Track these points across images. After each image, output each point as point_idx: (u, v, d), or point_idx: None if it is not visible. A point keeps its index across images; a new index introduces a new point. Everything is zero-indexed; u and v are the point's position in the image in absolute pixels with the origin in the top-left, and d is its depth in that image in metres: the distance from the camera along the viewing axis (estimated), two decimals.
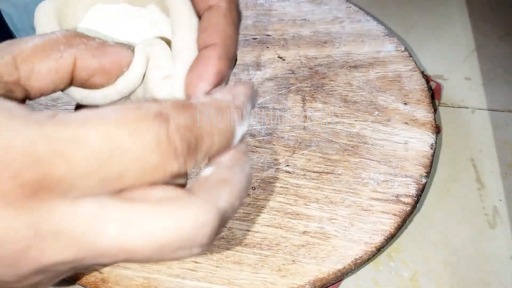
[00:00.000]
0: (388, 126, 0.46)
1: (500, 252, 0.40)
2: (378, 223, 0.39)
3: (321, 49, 0.53)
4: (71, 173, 0.15)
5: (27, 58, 0.19)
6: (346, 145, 0.44)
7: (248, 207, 0.40)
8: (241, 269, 0.36)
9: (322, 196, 0.41)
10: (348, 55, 0.53)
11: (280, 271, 0.36)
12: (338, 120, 0.46)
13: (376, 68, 0.51)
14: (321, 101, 0.48)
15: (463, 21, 0.60)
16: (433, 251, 0.40)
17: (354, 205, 0.40)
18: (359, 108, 0.47)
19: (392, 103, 0.48)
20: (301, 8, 0.58)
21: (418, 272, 0.39)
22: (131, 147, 0.16)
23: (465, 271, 0.39)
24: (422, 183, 0.41)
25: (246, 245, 0.38)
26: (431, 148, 0.44)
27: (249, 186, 0.19)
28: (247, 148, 0.20)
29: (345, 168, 0.43)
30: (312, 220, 0.39)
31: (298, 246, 0.38)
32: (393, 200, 0.40)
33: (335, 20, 0.56)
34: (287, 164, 0.43)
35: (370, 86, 0.49)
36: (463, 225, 0.42)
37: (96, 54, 0.20)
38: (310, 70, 0.51)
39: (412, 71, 0.51)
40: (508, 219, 0.42)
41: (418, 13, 0.62)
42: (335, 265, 0.36)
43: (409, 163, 0.43)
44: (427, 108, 0.47)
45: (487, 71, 0.54)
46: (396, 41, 0.54)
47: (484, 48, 0.57)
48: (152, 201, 0.17)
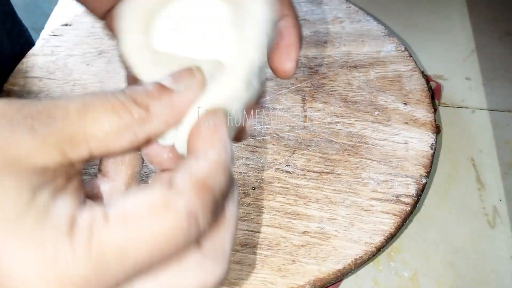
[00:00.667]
0: (388, 126, 0.46)
1: (500, 252, 0.40)
2: (378, 223, 0.39)
3: (321, 49, 0.53)
4: (118, 285, 0.16)
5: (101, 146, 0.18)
6: (346, 145, 0.44)
7: (248, 207, 0.40)
8: (241, 269, 0.36)
9: (322, 196, 0.41)
10: (348, 55, 0.53)
11: (280, 271, 0.36)
12: (338, 120, 0.46)
13: (376, 68, 0.51)
14: (321, 101, 0.48)
15: (463, 21, 0.60)
16: (433, 251, 0.40)
17: (354, 205, 0.40)
18: (359, 108, 0.47)
19: (392, 103, 0.48)
20: (301, 8, 0.58)
21: (418, 272, 0.39)
22: (169, 246, 0.17)
23: (465, 271, 0.39)
24: (422, 183, 0.41)
25: (246, 245, 0.38)
26: (431, 148, 0.44)
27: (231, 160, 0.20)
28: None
29: (345, 168, 0.43)
30: (312, 220, 0.39)
31: (298, 246, 0.38)
32: (393, 200, 0.40)
33: (335, 20, 0.56)
34: (287, 164, 0.43)
35: (370, 86, 0.49)
36: (463, 225, 0.42)
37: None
38: (310, 70, 0.51)
39: (412, 71, 0.51)
40: (508, 219, 0.42)
41: (418, 13, 0.62)
42: (335, 265, 0.36)
43: (409, 163, 0.43)
44: (427, 108, 0.47)
45: (487, 71, 0.54)
46: (396, 41, 0.54)
47: (484, 48, 0.57)
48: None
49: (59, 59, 0.53)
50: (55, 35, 0.56)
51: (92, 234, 0.16)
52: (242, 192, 0.41)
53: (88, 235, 0.16)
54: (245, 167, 0.43)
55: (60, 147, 0.17)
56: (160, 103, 0.19)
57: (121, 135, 0.18)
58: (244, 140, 0.27)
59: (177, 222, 0.17)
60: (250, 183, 0.42)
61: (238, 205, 0.21)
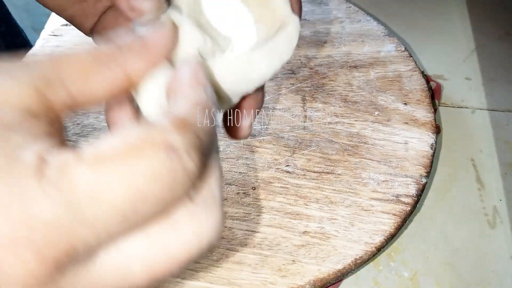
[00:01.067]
0: (388, 126, 0.46)
1: (500, 252, 0.40)
2: (378, 223, 0.39)
3: (321, 49, 0.53)
4: (96, 235, 0.15)
5: (75, 78, 0.18)
6: (346, 145, 0.44)
7: (248, 207, 0.40)
8: (241, 269, 0.36)
9: (322, 196, 0.41)
10: (348, 55, 0.53)
11: (280, 271, 0.36)
12: (338, 120, 0.46)
13: (376, 68, 0.51)
14: (321, 101, 0.48)
15: (463, 21, 0.60)
16: (433, 251, 0.40)
17: (354, 205, 0.40)
18: (359, 108, 0.47)
19: (392, 103, 0.48)
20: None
21: (418, 272, 0.39)
22: (151, 190, 0.15)
23: (465, 271, 0.39)
24: (422, 183, 0.41)
25: (246, 245, 0.38)
26: (431, 148, 0.44)
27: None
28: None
29: (345, 168, 0.43)
30: (312, 220, 0.39)
31: (298, 246, 0.38)
32: (393, 200, 0.40)
33: (335, 20, 0.56)
34: (287, 164, 0.43)
35: (370, 86, 0.49)
36: (463, 225, 0.42)
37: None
38: (310, 70, 0.51)
39: (412, 71, 0.51)
40: (508, 219, 0.42)
41: (418, 13, 0.62)
42: (335, 265, 0.36)
43: (409, 163, 0.43)
44: (427, 108, 0.47)
45: (487, 71, 0.54)
46: (396, 41, 0.54)
47: (484, 48, 0.57)
48: (168, 223, 0.17)
49: None
50: (55, 35, 0.56)
51: (63, 174, 0.15)
52: (242, 192, 0.41)
53: (58, 175, 0.15)
54: (245, 167, 0.43)
55: (36, 86, 0.16)
56: (133, 42, 0.19)
57: (98, 74, 0.18)
58: (244, 138, 0.27)
59: (157, 157, 0.15)
60: (250, 183, 0.42)
61: (219, 154, 0.20)
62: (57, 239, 0.14)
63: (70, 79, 0.17)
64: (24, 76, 0.16)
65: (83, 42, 0.20)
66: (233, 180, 0.42)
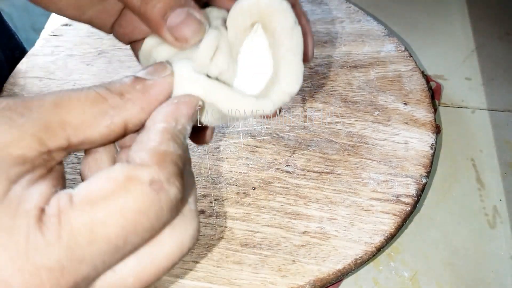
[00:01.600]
0: (388, 126, 0.46)
1: (500, 252, 0.40)
2: (378, 223, 0.39)
3: (321, 49, 0.53)
4: (94, 268, 0.17)
5: (77, 127, 0.19)
6: (346, 145, 0.44)
7: (248, 207, 0.40)
8: (241, 269, 0.36)
9: (322, 196, 0.41)
10: (348, 55, 0.53)
11: (280, 271, 0.36)
12: (338, 120, 0.46)
13: (376, 68, 0.51)
14: (321, 101, 0.48)
15: (463, 21, 0.60)
16: (433, 251, 0.40)
17: (354, 205, 0.40)
18: (359, 108, 0.47)
19: (392, 103, 0.48)
20: None
21: (418, 272, 0.39)
22: (140, 222, 0.17)
23: (465, 271, 0.39)
24: (422, 183, 0.41)
25: (246, 245, 0.38)
26: (431, 148, 0.44)
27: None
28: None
29: (345, 168, 0.43)
30: (312, 220, 0.39)
31: (298, 246, 0.38)
32: (393, 200, 0.40)
33: (335, 20, 0.56)
34: (287, 164, 0.43)
35: (370, 86, 0.49)
36: (463, 225, 0.42)
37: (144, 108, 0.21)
38: (310, 70, 0.51)
39: (412, 71, 0.51)
40: (508, 219, 0.42)
41: (418, 13, 0.62)
42: (335, 265, 0.36)
43: (409, 163, 0.43)
44: (427, 108, 0.47)
45: (487, 71, 0.54)
46: (396, 41, 0.54)
47: (484, 48, 0.57)
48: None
49: (59, 59, 0.53)
50: (55, 35, 0.56)
51: (61, 219, 0.16)
52: (242, 192, 0.41)
53: (57, 221, 0.16)
54: (245, 167, 0.43)
55: (37, 136, 0.17)
56: (134, 90, 0.20)
57: (97, 121, 0.19)
58: (207, 144, 0.28)
59: (143, 192, 0.17)
60: (250, 183, 0.42)
61: (191, 164, 0.22)
62: (62, 281, 0.16)
63: (71, 126, 0.18)
64: (27, 127, 0.17)
65: (83, 42, 0.20)
66: (233, 180, 0.42)
